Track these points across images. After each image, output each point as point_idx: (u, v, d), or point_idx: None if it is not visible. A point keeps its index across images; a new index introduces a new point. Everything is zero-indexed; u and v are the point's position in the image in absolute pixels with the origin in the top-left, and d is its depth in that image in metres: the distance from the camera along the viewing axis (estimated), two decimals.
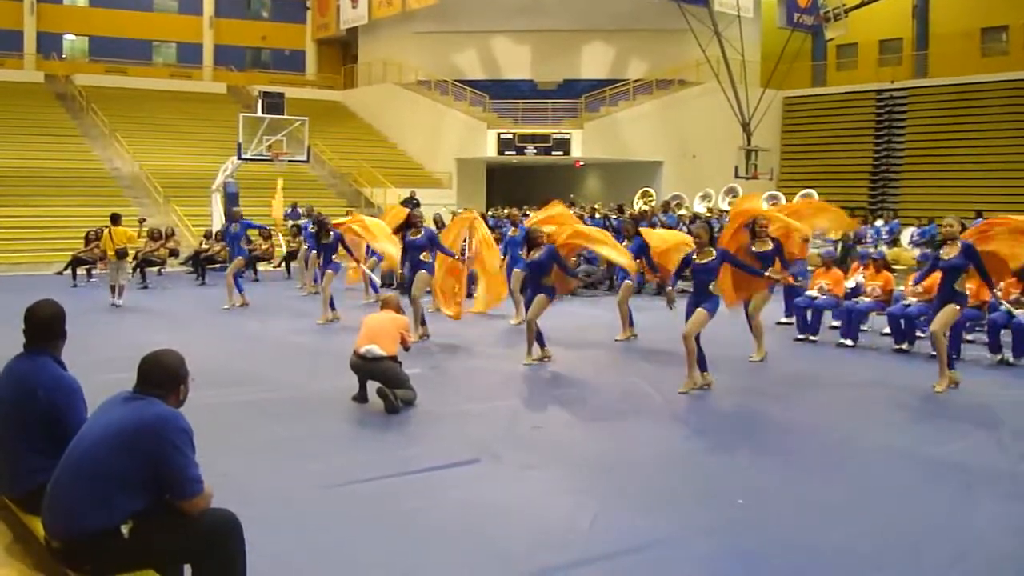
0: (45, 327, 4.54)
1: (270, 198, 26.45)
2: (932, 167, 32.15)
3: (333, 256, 14.59)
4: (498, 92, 35.98)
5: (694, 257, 9.78)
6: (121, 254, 16.56)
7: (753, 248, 11.13)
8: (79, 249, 21.11)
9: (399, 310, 9.23)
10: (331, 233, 14.64)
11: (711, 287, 9.55)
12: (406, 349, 8.97)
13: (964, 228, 10.31)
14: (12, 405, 4.35)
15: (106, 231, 17.51)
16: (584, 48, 37.55)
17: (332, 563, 5.14)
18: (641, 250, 12.85)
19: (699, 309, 9.50)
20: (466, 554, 5.28)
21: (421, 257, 12.88)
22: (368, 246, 16.89)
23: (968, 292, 10.22)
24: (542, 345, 11.19)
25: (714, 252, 9.70)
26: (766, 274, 10.61)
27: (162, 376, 3.92)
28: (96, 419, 3.89)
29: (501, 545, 5.41)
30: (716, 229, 14.42)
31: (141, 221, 22.39)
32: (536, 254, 11.10)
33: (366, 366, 8.64)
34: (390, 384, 8.49)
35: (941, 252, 9.90)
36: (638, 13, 35.17)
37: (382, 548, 5.37)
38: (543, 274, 11.06)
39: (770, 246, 11.09)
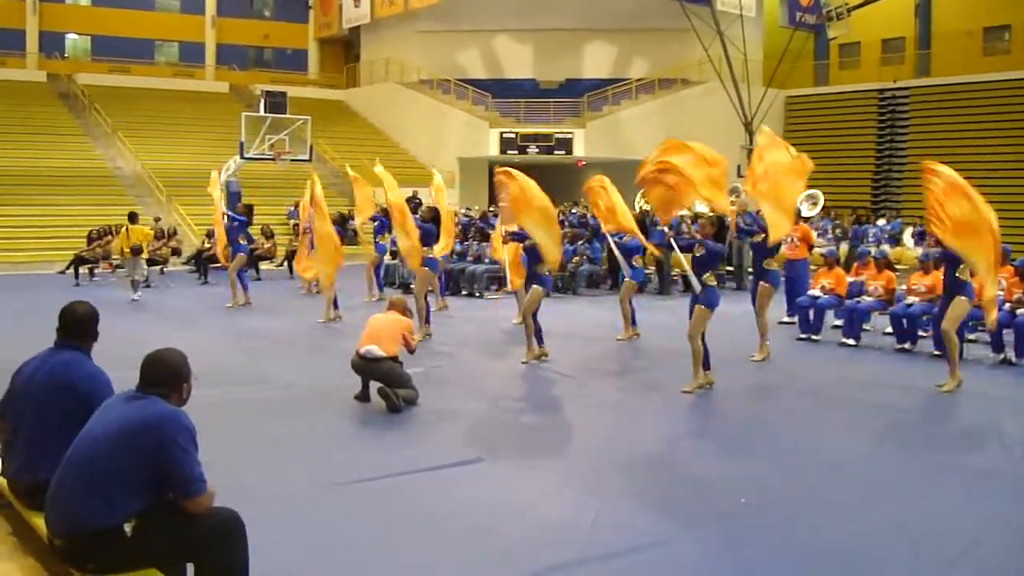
0: (82, 325, 4.69)
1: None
2: None
3: None
4: (500, 91, 35.96)
5: (694, 251, 9.77)
6: (136, 251, 17.39)
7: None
8: (81, 248, 21.17)
9: (405, 311, 9.21)
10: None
11: (705, 279, 9.53)
12: (410, 352, 8.97)
13: None
14: (46, 399, 4.46)
15: (123, 229, 18.25)
16: (586, 47, 37.51)
17: (334, 561, 5.15)
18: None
19: (698, 306, 9.49)
20: (468, 553, 5.29)
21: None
22: (376, 242, 17.06)
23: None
24: (540, 342, 11.17)
25: (707, 245, 9.68)
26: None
27: (164, 375, 3.93)
28: (99, 418, 3.90)
29: (503, 544, 5.42)
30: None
31: (156, 220, 22.78)
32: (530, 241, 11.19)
33: (366, 366, 8.66)
34: (391, 384, 8.50)
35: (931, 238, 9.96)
36: (640, 12, 35.13)
37: (384, 546, 5.37)
38: (537, 261, 11.07)
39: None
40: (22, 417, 4.53)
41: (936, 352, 11.18)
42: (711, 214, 17.93)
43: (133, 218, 18.91)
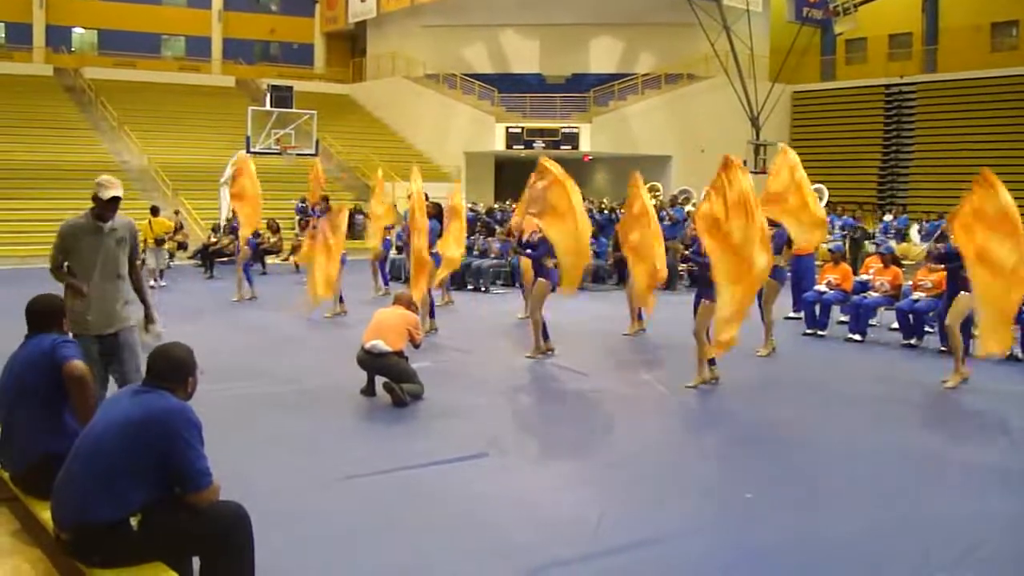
0: (46, 315, 4.81)
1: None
2: (941, 162, 32.04)
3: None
4: (506, 86, 35.92)
5: (702, 249, 9.73)
6: (160, 241, 18.66)
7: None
8: None
9: (410, 306, 9.22)
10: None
11: (711, 276, 9.52)
12: (416, 346, 8.96)
13: None
14: (23, 380, 4.57)
15: (147, 221, 18.95)
16: (592, 42, 37.47)
17: (340, 555, 5.15)
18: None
19: (704, 301, 9.47)
20: (474, 548, 5.28)
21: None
22: (386, 239, 17.05)
23: None
24: (546, 338, 11.17)
25: None
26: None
27: (171, 369, 3.93)
28: (105, 412, 3.91)
29: (510, 539, 5.42)
30: None
31: (176, 212, 23.30)
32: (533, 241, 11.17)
33: (372, 361, 8.65)
34: (396, 379, 8.49)
35: (950, 240, 9.94)
36: (647, 7, 35.08)
37: (390, 541, 5.38)
38: (542, 255, 11.05)
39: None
40: (9, 405, 4.63)
41: (942, 348, 11.15)
42: None
43: (155, 211, 19.82)
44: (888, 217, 25.34)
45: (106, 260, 5.96)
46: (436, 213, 13.57)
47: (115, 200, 5.88)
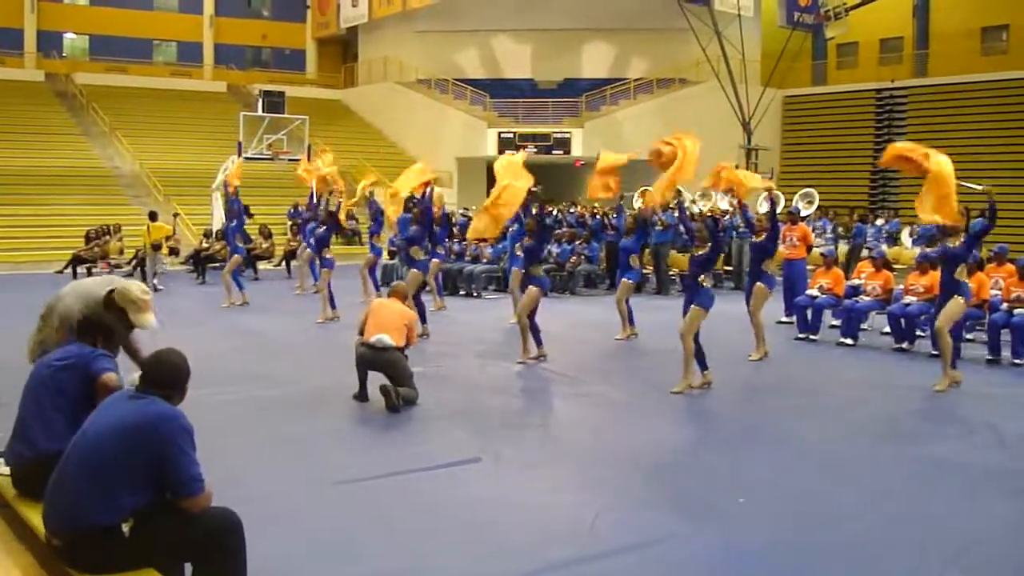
0: (97, 327, 4.92)
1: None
2: None
3: (325, 251, 14.54)
4: (498, 91, 35.97)
5: (693, 251, 9.77)
6: (156, 247, 19.12)
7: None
8: (79, 248, 21.17)
9: (407, 300, 9.21)
10: (327, 226, 14.68)
11: (701, 280, 9.53)
12: (408, 344, 8.92)
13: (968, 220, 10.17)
14: (57, 373, 4.62)
15: (145, 227, 19.42)
16: (584, 47, 37.54)
17: (334, 561, 5.14)
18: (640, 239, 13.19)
19: (693, 307, 9.47)
20: (470, 551, 5.28)
21: (411, 253, 12.90)
22: (372, 243, 16.99)
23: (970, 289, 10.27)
24: (539, 343, 11.15)
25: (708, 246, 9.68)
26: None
27: (167, 376, 3.94)
28: (99, 416, 3.90)
29: (503, 542, 5.41)
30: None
31: (175, 215, 23.34)
32: (530, 241, 11.16)
33: (374, 356, 8.58)
34: (396, 376, 8.46)
35: (947, 241, 9.90)
36: (639, 12, 35.15)
37: (384, 546, 5.37)
38: (533, 260, 11.05)
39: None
40: (35, 397, 4.66)
41: (934, 352, 11.17)
42: (708, 214, 17.98)
43: (153, 216, 19.92)
44: (880, 221, 25.34)
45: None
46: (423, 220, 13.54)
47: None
